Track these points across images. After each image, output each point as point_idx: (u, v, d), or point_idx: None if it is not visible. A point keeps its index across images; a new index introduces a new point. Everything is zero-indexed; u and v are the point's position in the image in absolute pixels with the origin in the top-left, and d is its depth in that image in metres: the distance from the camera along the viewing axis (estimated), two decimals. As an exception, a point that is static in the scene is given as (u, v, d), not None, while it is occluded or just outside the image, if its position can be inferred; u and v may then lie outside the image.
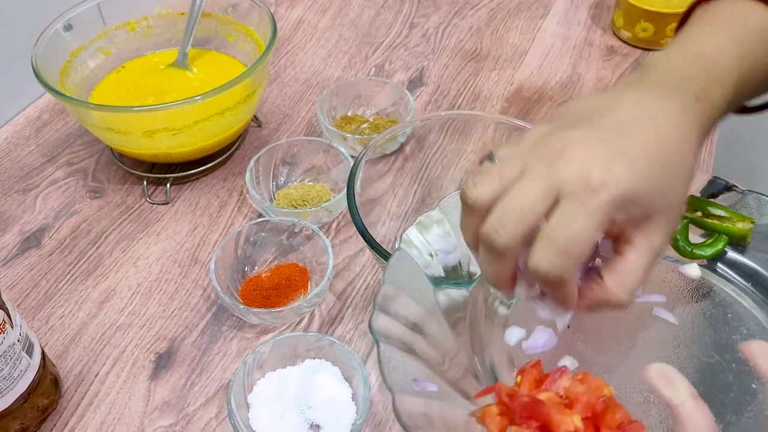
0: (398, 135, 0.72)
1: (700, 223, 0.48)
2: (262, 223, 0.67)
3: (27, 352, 0.52)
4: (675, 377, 0.34)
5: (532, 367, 0.37)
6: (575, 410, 0.34)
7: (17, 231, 0.72)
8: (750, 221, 0.47)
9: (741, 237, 0.47)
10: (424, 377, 0.39)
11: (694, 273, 0.47)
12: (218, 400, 0.58)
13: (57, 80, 0.74)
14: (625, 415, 0.34)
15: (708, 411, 0.34)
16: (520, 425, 0.33)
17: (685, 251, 0.48)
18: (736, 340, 0.44)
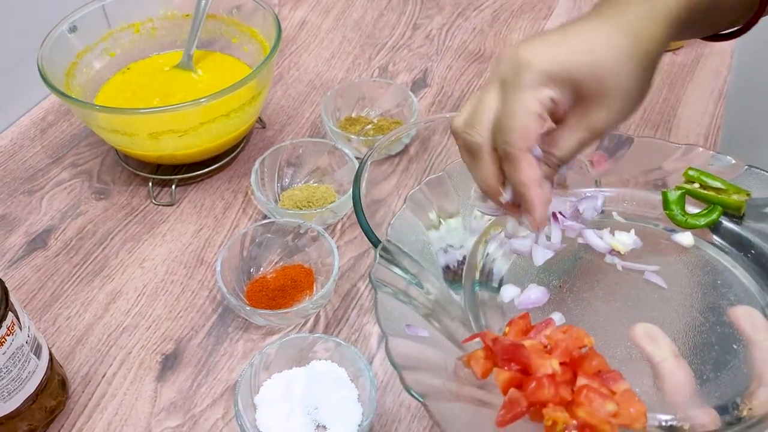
0: (403, 136, 0.72)
1: (696, 195, 0.49)
2: (268, 224, 0.67)
3: (35, 354, 0.52)
4: (659, 336, 0.37)
5: (520, 318, 0.39)
6: (554, 355, 0.36)
7: (23, 232, 0.73)
8: (746, 194, 0.48)
9: (735, 208, 0.48)
10: (416, 323, 0.41)
11: (687, 241, 0.49)
12: (225, 401, 0.59)
13: (62, 82, 0.75)
14: (603, 363, 0.36)
15: (688, 368, 0.36)
16: (502, 368, 0.35)
17: (679, 221, 0.49)
18: (723, 305, 0.46)
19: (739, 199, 0.48)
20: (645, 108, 0.87)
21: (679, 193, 0.50)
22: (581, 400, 0.34)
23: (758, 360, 0.36)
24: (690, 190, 0.50)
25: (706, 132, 0.84)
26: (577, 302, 0.47)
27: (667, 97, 0.89)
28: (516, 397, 0.34)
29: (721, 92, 0.89)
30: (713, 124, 0.85)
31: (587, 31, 0.43)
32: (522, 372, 0.35)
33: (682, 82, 0.91)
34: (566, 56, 0.42)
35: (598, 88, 0.42)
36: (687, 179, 0.50)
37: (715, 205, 0.49)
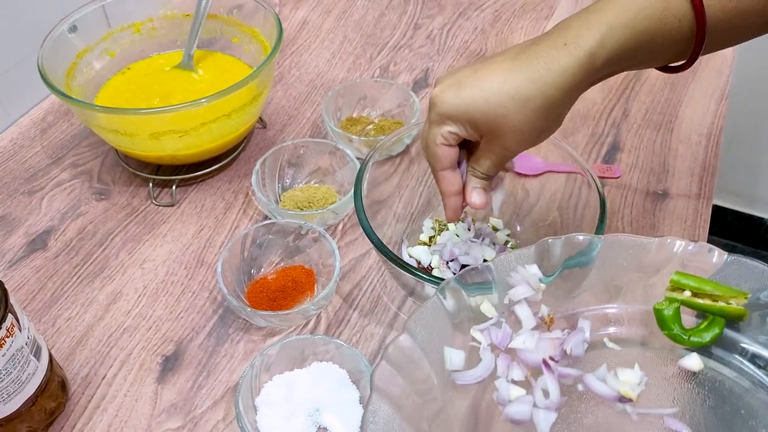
0: (404, 137, 0.72)
1: (692, 306, 0.44)
2: (269, 225, 0.67)
3: (35, 355, 0.52)
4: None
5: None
6: None
7: (23, 233, 0.72)
8: (743, 296, 0.43)
9: (738, 316, 0.44)
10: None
11: (696, 366, 0.44)
12: (225, 402, 0.58)
13: (62, 82, 0.74)
14: None
15: None
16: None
17: (681, 340, 0.44)
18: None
19: (739, 304, 0.43)
20: (647, 109, 0.87)
21: (674, 308, 0.44)
22: None
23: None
24: (684, 301, 0.44)
25: (708, 132, 0.84)
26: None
27: (669, 97, 0.89)
28: None
29: (723, 92, 0.89)
30: (715, 124, 0.85)
31: (494, 76, 0.49)
32: None
33: (684, 81, 0.91)
34: (464, 101, 0.49)
35: (492, 128, 0.50)
36: (674, 286, 0.45)
37: (715, 316, 0.44)
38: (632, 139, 0.83)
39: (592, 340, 0.47)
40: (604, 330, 0.49)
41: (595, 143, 0.83)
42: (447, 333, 0.46)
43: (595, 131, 0.84)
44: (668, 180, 0.78)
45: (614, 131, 0.84)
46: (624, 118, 0.86)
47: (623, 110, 0.87)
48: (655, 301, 0.46)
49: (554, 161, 0.66)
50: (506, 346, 0.47)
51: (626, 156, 0.81)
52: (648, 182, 0.77)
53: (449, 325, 0.47)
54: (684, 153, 0.81)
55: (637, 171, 0.79)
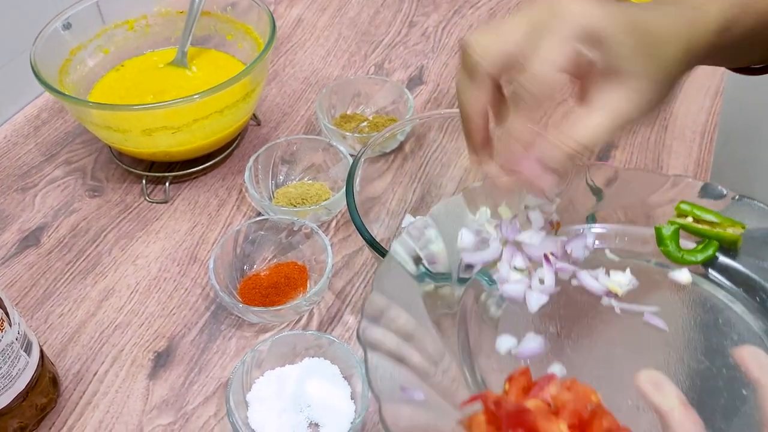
0: (397, 133, 0.71)
1: (690, 229, 0.48)
2: (261, 221, 0.67)
3: (25, 351, 0.52)
4: (664, 384, 0.34)
5: (521, 374, 0.37)
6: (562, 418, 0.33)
7: (16, 230, 0.72)
8: (741, 226, 0.47)
9: (732, 242, 0.47)
10: (411, 385, 0.39)
11: (684, 279, 0.47)
12: (217, 398, 0.58)
13: (56, 79, 0.74)
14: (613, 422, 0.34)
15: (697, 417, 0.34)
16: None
17: (676, 257, 0.47)
18: (727, 346, 0.44)
19: (735, 232, 0.47)
20: (641, 105, 0.87)
21: (673, 228, 0.48)
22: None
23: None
24: (684, 224, 0.48)
25: (702, 129, 0.84)
26: (577, 350, 0.44)
27: (664, 94, 0.88)
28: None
29: (718, 89, 0.89)
30: (710, 121, 0.85)
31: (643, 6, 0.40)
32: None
33: (679, 79, 0.91)
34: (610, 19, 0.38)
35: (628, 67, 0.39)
36: (679, 213, 0.48)
37: (711, 240, 0.47)
38: (626, 136, 0.83)
39: (594, 250, 0.50)
40: (608, 243, 0.51)
41: (589, 140, 0.82)
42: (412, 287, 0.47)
43: (590, 128, 0.84)
44: (662, 177, 0.78)
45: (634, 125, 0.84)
46: (618, 115, 0.86)
47: (617, 107, 0.87)
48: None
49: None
50: (514, 239, 0.49)
51: (620, 153, 0.81)
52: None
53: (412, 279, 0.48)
54: (678, 150, 0.81)
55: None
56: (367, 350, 0.39)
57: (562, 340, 0.45)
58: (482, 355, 0.45)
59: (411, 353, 0.41)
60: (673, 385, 0.34)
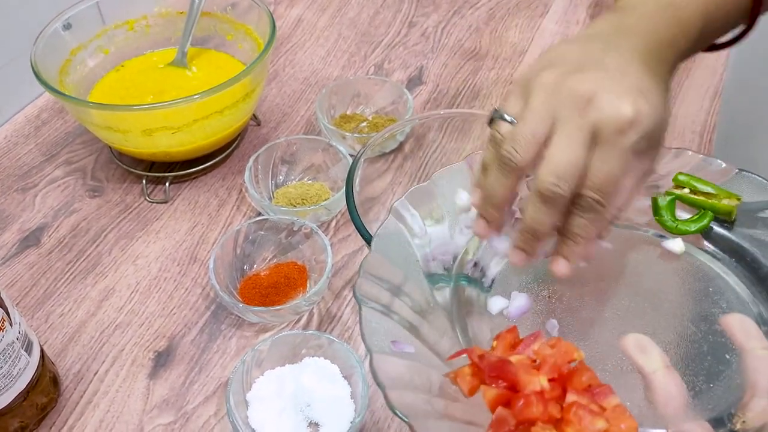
0: (397, 133, 0.72)
1: (686, 200, 0.49)
2: (261, 221, 0.67)
3: (26, 350, 0.52)
4: (650, 347, 0.36)
5: (508, 332, 0.39)
6: (542, 371, 0.35)
7: (16, 230, 0.72)
8: (736, 198, 0.47)
9: (726, 213, 0.48)
10: (402, 339, 0.40)
11: (678, 248, 0.48)
12: (217, 398, 0.58)
13: (56, 79, 0.75)
14: (593, 378, 0.35)
15: (679, 379, 0.35)
16: (489, 384, 0.34)
17: (670, 227, 0.48)
18: (716, 313, 0.45)
19: (730, 204, 0.47)
20: (640, 105, 0.87)
21: (669, 198, 0.49)
22: (570, 418, 0.33)
23: (751, 369, 0.35)
24: (680, 195, 0.49)
25: (701, 129, 0.84)
26: (568, 312, 0.46)
27: (663, 94, 0.89)
28: (504, 416, 0.33)
29: (717, 90, 0.89)
30: (709, 122, 0.85)
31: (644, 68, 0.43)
32: (510, 389, 0.34)
33: (678, 79, 0.91)
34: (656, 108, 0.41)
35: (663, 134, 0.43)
36: (677, 184, 0.49)
37: (706, 211, 0.48)
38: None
39: None
40: None
41: (589, 140, 0.83)
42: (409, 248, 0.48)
43: (589, 128, 0.84)
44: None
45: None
46: (617, 116, 0.86)
47: (617, 108, 0.87)
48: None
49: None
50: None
51: (619, 153, 0.81)
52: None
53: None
54: (677, 150, 0.81)
55: (630, 168, 0.79)
56: (361, 304, 0.40)
57: (552, 302, 0.46)
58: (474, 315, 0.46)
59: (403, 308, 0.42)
60: (658, 348, 0.36)
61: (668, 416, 0.35)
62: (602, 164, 0.40)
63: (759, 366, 0.35)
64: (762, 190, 0.48)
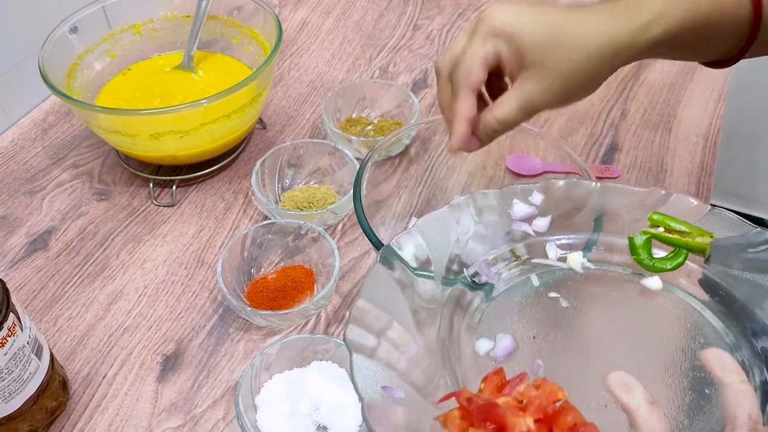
0: (403, 137, 0.72)
1: (662, 239, 0.50)
2: (268, 225, 0.67)
3: (36, 355, 0.52)
4: (632, 384, 0.37)
5: (495, 374, 0.40)
6: (528, 412, 0.36)
7: (24, 233, 0.73)
8: (709, 236, 0.49)
9: (700, 251, 0.49)
10: (392, 385, 0.41)
11: (655, 285, 0.50)
12: (225, 401, 0.59)
13: (63, 83, 0.75)
14: (578, 418, 0.36)
15: (662, 415, 0.36)
16: (477, 428, 0.35)
17: (647, 265, 0.50)
18: (694, 348, 0.46)
19: (704, 241, 0.49)
20: (645, 109, 0.87)
21: (645, 238, 0.50)
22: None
23: (730, 402, 0.37)
24: (655, 234, 0.50)
25: (705, 132, 0.84)
26: (553, 352, 0.47)
27: (668, 97, 0.89)
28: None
29: (721, 93, 0.90)
30: (713, 125, 0.85)
31: (556, 11, 0.47)
32: (498, 431, 0.35)
33: (683, 82, 0.91)
34: (524, 22, 0.47)
35: (536, 61, 0.47)
36: (652, 224, 0.51)
37: (681, 249, 0.50)
38: (630, 139, 0.83)
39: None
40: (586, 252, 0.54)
41: (594, 143, 0.83)
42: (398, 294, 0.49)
43: (594, 131, 0.84)
44: (666, 180, 0.78)
45: (612, 131, 0.85)
46: (622, 119, 0.86)
47: (621, 110, 0.87)
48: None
49: (552, 162, 0.67)
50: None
51: (624, 156, 0.81)
52: (646, 182, 0.78)
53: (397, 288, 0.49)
54: (682, 153, 0.81)
55: (635, 171, 0.79)
56: (352, 352, 0.41)
57: (538, 344, 0.47)
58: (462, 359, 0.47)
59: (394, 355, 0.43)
60: (641, 385, 0.37)
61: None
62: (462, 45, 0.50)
63: (737, 399, 0.36)
64: (733, 226, 0.50)
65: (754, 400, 0.36)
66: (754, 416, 0.36)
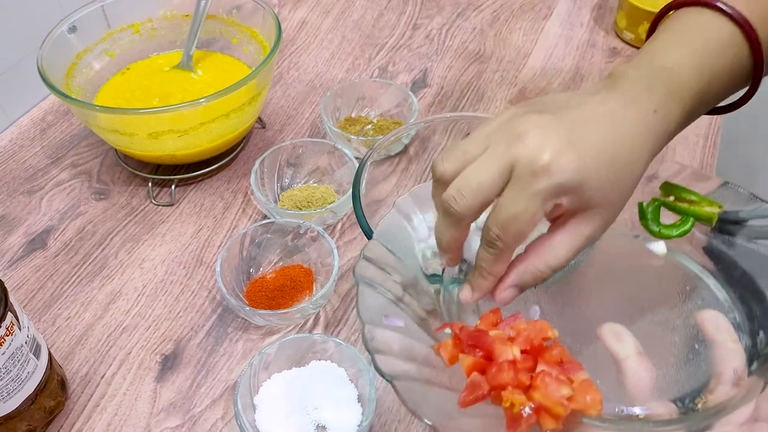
0: (402, 136, 0.72)
1: (671, 207, 0.51)
2: (267, 224, 0.67)
3: (34, 354, 0.52)
4: (624, 335, 0.39)
5: (491, 312, 0.42)
6: (516, 343, 0.38)
7: (23, 233, 0.73)
8: (718, 206, 0.50)
9: (707, 219, 0.50)
10: (394, 314, 0.43)
11: (660, 250, 0.51)
12: (224, 401, 0.59)
13: (62, 82, 0.75)
14: (564, 354, 0.38)
15: (650, 365, 0.38)
16: (467, 353, 0.38)
17: (654, 231, 0.51)
18: (691, 309, 0.47)
19: (711, 211, 0.50)
20: (645, 108, 0.87)
21: (654, 204, 0.51)
22: (538, 384, 0.36)
23: (719, 359, 0.38)
24: (665, 201, 0.51)
25: (705, 132, 0.84)
26: (551, 301, 0.48)
27: (667, 97, 0.89)
28: (478, 381, 0.36)
29: (721, 92, 0.89)
30: (713, 125, 0.85)
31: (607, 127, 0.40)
32: (486, 358, 0.38)
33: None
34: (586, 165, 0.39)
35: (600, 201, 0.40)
36: (663, 192, 0.52)
37: (688, 217, 0.51)
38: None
39: None
40: None
41: (593, 143, 0.83)
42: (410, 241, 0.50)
43: (593, 131, 0.84)
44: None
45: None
46: (622, 118, 0.86)
47: (621, 110, 0.87)
48: None
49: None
50: None
51: (624, 156, 0.81)
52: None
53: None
54: (682, 153, 0.81)
55: (634, 171, 0.79)
56: (359, 283, 0.43)
57: (538, 293, 0.48)
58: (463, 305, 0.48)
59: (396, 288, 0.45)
60: (632, 336, 0.39)
61: (636, 397, 0.38)
62: (509, 201, 0.39)
63: (727, 356, 0.38)
64: (743, 200, 0.51)
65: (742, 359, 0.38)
66: (739, 372, 0.38)
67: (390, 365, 0.38)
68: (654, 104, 0.42)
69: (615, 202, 0.41)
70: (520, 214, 0.39)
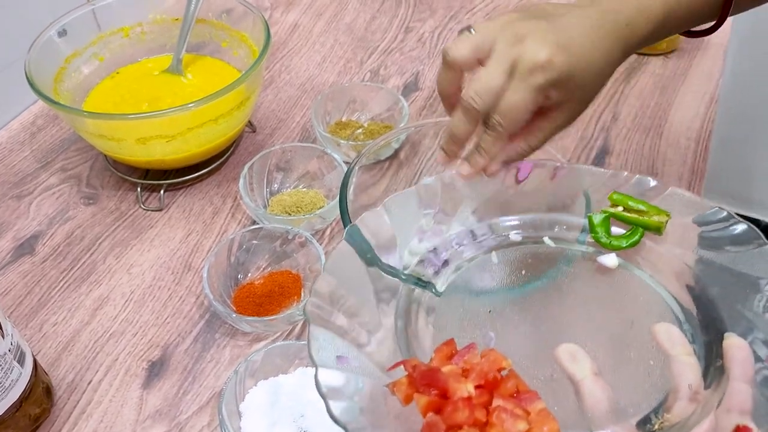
0: (392, 141, 0.72)
1: (619, 217, 0.51)
2: (256, 230, 0.67)
3: (18, 362, 0.52)
4: (580, 355, 0.39)
5: (445, 344, 0.41)
6: (470, 379, 0.38)
7: (11, 237, 0.72)
8: (666, 215, 0.50)
9: (656, 229, 0.50)
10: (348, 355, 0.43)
11: (611, 263, 0.51)
12: (211, 408, 0.58)
13: (51, 87, 0.74)
14: (521, 385, 0.38)
15: (606, 386, 0.38)
16: (422, 393, 0.37)
17: (604, 243, 0.51)
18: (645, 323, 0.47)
19: (660, 220, 0.50)
20: (636, 112, 0.87)
21: (603, 216, 0.52)
22: (494, 421, 0.36)
23: (675, 374, 0.38)
24: (614, 213, 0.51)
25: (696, 136, 0.84)
26: (506, 326, 0.48)
27: (659, 101, 0.89)
28: (434, 421, 0.36)
29: (713, 96, 0.89)
30: (704, 128, 0.85)
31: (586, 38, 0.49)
32: (441, 396, 0.37)
33: (674, 85, 0.91)
34: (573, 64, 0.48)
35: (578, 95, 0.50)
36: (612, 203, 0.52)
37: (638, 227, 0.51)
38: (621, 143, 0.83)
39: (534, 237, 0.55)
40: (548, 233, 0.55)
41: (584, 147, 0.83)
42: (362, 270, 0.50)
43: (584, 135, 0.84)
44: (656, 184, 0.78)
45: (603, 135, 0.84)
46: (613, 122, 0.86)
47: (612, 114, 0.87)
48: None
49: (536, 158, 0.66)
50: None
51: (615, 160, 0.81)
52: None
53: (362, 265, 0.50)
54: (673, 157, 0.81)
55: (625, 175, 0.79)
56: (310, 323, 0.42)
57: (493, 318, 0.49)
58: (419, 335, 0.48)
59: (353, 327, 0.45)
60: (588, 357, 0.39)
61: (594, 420, 0.38)
62: (511, 94, 0.48)
63: (682, 371, 0.38)
64: (691, 205, 0.51)
65: (697, 372, 0.38)
66: (694, 386, 0.38)
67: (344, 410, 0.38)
68: (626, 18, 0.50)
69: (586, 99, 0.51)
70: (519, 102, 0.48)
